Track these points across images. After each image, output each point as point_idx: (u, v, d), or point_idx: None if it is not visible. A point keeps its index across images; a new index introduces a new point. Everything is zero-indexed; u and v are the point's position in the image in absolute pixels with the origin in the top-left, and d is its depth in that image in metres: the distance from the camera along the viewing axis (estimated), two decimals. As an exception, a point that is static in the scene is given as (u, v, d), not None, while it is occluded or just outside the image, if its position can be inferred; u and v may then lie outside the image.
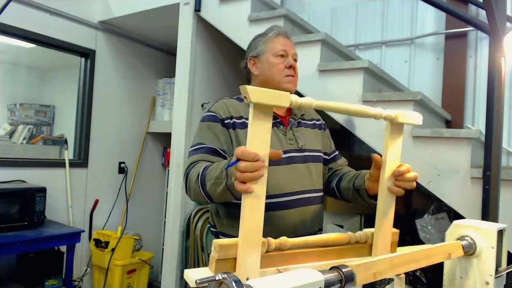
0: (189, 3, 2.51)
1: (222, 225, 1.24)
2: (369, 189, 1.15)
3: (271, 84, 1.28)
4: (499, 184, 1.50)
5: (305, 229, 1.21)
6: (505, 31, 1.52)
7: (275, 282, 0.56)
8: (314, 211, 1.24)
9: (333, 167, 1.40)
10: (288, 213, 1.18)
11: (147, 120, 3.51)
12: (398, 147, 0.90)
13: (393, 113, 0.85)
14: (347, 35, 2.85)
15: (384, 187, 0.90)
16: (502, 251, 0.93)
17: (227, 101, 1.30)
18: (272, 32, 1.34)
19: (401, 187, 0.91)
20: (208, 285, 0.57)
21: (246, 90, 0.64)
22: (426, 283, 2.10)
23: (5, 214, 2.21)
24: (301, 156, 1.25)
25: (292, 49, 1.33)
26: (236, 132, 1.21)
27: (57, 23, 2.84)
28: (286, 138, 1.26)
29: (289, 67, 1.29)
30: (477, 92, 2.37)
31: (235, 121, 1.23)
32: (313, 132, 1.36)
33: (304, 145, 1.28)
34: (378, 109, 0.83)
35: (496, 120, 1.52)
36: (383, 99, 1.80)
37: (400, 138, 0.89)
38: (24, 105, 3.25)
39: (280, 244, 0.73)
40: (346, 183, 1.27)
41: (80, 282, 2.93)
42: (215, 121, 1.22)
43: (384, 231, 0.88)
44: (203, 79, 2.63)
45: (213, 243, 0.67)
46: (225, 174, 0.95)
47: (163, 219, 3.40)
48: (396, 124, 0.87)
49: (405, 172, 0.91)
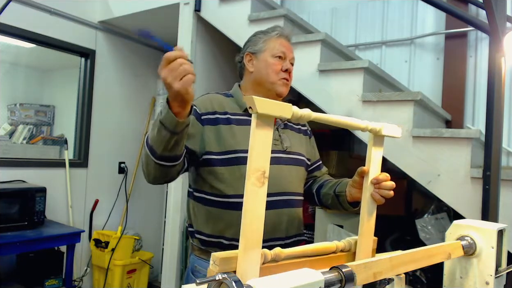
0: (189, 3, 2.51)
1: (197, 223, 1.23)
2: (350, 195, 1.17)
3: (264, 84, 1.27)
4: (499, 184, 1.50)
5: (282, 231, 1.19)
6: (505, 31, 1.52)
7: (275, 282, 0.56)
8: (293, 214, 1.23)
9: (317, 175, 1.40)
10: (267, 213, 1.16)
11: (147, 120, 3.51)
12: (379, 158, 0.93)
13: (378, 126, 0.88)
14: (347, 35, 2.85)
15: (367, 196, 0.92)
16: (502, 251, 0.93)
17: (212, 96, 1.28)
18: (274, 32, 1.32)
19: (381, 195, 0.93)
20: (208, 285, 0.57)
21: (252, 101, 0.64)
22: (426, 283, 2.10)
23: (5, 214, 2.21)
24: (286, 158, 1.24)
25: (291, 53, 1.31)
26: (218, 128, 1.19)
27: (57, 23, 2.84)
28: (272, 138, 1.25)
29: (285, 71, 1.27)
30: (477, 92, 2.37)
31: (218, 117, 1.21)
32: (298, 136, 1.35)
33: (288, 147, 1.27)
34: (365, 122, 0.86)
35: (496, 120, 1.52)
36: (383, 99, 1.80)
37: (381, 149, 0.92)
38: (24, 105, 3.25)
39: (275, 255, 0.74)
40: (327, 190, 1.28)
41: (80, 282, 2.93)
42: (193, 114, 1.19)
43: (366, 239, 0.89)
44: (203, 79, 2.63)
45: (212, 256, 0.67)
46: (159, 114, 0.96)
47: (163, 219, 3.40)
48: (379, 137, 0.89)
49: (383, 180, 0.92)
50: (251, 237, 0.67)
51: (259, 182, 0.68)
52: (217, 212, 1.17)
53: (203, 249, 1.21)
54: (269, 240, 1.15)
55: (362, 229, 0.90)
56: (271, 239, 1.16)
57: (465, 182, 1.60)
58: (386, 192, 0.93)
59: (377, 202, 0.93)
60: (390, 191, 0.94)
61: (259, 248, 0.68)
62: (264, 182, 0.68)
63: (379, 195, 0.93)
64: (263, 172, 0.68)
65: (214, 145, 1.18)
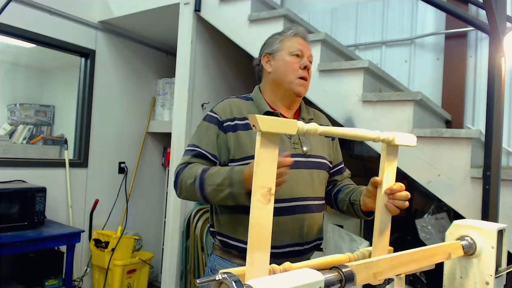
0: (189, 3, 2.51)
1: (219, 225, 1.23)
2: (364, 204, 1.16)
3: (282, 84, 1.26)
4: (499, 184, 1.50)
5: (302, 237, 1.19)
6: (505, 31, 1.52)
7: (275, 282, 0.56)
8: (312, 220, 1.22)
9: (339, 179, 1.38)
10: (283, 220, 1.15)
11: (147, 120, 3.51)
12: (393, 168, 0.92)
13: (390, 135, 0.86)
14: (347, 35, 2.85)
15: (380, 206, 0.91)
16: (502, 251, 0.93)
17: (232, 101, 1.28)
18: (290, 31, 1.31)
19: (395, 206, 0.92)
20: (208, 285, 0.57)
21: (255, 119, 0.64)
22: (426, 283, 2.10)
23: (5, 214, 2.21)
24: (305, 162, 1.22)
25: (308, 50, 1.30)
26: (237, 134, 1.20)
27: (57, 23, 2.84)
28: (291, 142, 1.23)
29: (304, 68, 1.26)
30: (477, 92, 2.37)
31: (237, 123, 1.21)
32: (320, 139, 1.31)
33: (309, 151, 1.24)
34: (376, 132, 0.84)
35: (496, 120, 1.52)
36: (383, 99, 1.80)
37: (396, 159, 0.90)
38: (24, 105, 3.25)
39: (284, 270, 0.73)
40: (344, 196, 1.27)
41: (80, 282, 2.93)
42: (214, 123, 1.22)
43: (381, 249, 0.89)
44: (203, 79, 2.63)
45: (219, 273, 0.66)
46: (228, 182, 1.03)
47: (163, 219, 3.40)
48: (393, 146, 0.88)
49: (397, 191, 0.92)
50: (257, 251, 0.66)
51: (265, 199, 0.67)
52: (238, 217, 1.17)
53: (224, 249, 1.23)
54: (288, 245, 1.15)
55: (376, 239, 0.89)
56: (290, 245, 1.16)
57: (465, 182, 1.60)
58: (401, 202, 0.92)
59: (392, 213, 0.92)
60: (405, 201, 0.93)
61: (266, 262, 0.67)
62: (270, 199, 0.67)
63: (393, 206, 0.91)
64: (268, 189, 0.67)
65: (235, 151, 1.19)
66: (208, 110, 1.30)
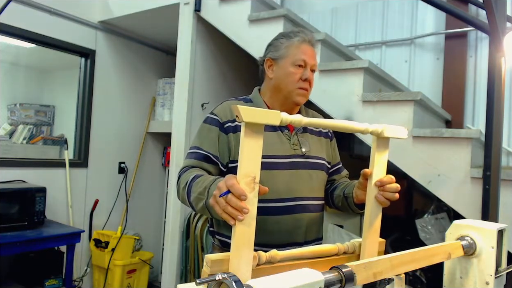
0: (189, 3, 2.51)
1: (218, 225, 1.25)
2: (356, 196, 1.17)
3: (282, 91, 1.26)
4: (499, 184, 1.50)
5: (300, 236, 1.20)
6: (505, 31, 1.52)
7: (275, 282, 0.56)
8: (311, 219, 1.23)
9: (337, 179, 1.38)
10: (282, 219, 1.17)
11: (147, 120, 3.51)
12: (384, 161, 0.92)
13: (379, 127, 0.86)
14: (347, 35, 2.85)
15: (371, 198, 0.92)
16: (502, 251, 0.93)
17: (231, 103, 1.28)
18: (297, 37, 1.27)
19: (385, 198, 0.92)
20: (208, 285, 0.57)
21: (238, 109, 0.66)
22: (426, 283, 2.10)
23: (5, 214, 2.21)
24: (304, 162, 1.24)
25: (312, 60, 1.27)
26: (237, 136, 1.20)
27: (57, 23, 2.84)
28: (290, 143, 1.24)
29: (305, 80, 1.24)
30: (477, 92, 2.37)
31: (237, 124, 1.21)
32: (318, 140, 1.33)
33: (307, 151, 1.26)
34: (364, 124, 0.84)
35: (496, 120, 1.52)
36: (383, 99, 1.80)
37: (386, 151, 0.91)
38: (24, 105, 3.25)
39: (270, 257, 0.74)
40: (339, 191, 1.29)
41: (80, 282, 2.93)
42: (215, 124, 1.22)
43: (371, 241, 0.89)
44: (203, 79, 2.63)
45: (205, 258, 0.68)
46: (206, 193, 1.00)
47: (163, 219, 3.40)
48: (383, 139, 0.88)
49: (387, 183, 0.92)
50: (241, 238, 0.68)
51: (249, 187, 0.69)
52: None
53: (223, 249, 1.23)
54: (287, 245, 1.15)
55: (366, 231, 0.89)
56: (289, 244, 1.16)
57: (465, 182, 1.60)
58: (391, 194, 0.93)
59: (382, 205, 0.93)
60: (395, 193, 0.93)
61: (250, 249, 0.68)
62: (254, 187, 0.70)
63: (383, 198, 0.92)
64: (253, 177, 0.70)
65: (236, 152, 1.19)
66: (208, 111, 1.30)
